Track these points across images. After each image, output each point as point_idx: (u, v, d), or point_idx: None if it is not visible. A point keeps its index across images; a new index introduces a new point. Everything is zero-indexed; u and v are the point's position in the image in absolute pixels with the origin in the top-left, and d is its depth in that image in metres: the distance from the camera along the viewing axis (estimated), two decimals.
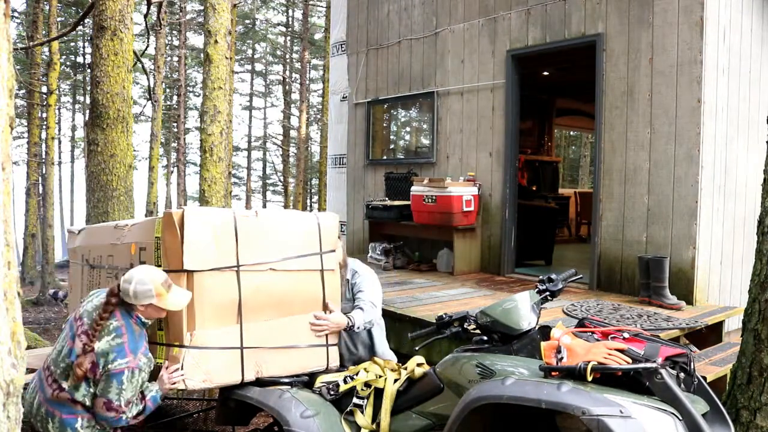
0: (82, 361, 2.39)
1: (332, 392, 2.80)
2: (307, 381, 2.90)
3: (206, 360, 2.65)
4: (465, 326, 2.70)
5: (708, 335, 4.59)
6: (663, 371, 2.01)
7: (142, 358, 2.45)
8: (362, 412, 2.71)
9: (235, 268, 2.72)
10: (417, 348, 2.80)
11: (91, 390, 2.44)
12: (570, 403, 1.93)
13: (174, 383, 2.57)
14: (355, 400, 2.75)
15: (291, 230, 2.93)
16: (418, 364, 2.76)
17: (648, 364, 2.00)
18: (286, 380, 2.84)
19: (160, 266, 2.66)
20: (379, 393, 2.73)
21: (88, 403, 2.44)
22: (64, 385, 2.44)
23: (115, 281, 2.85)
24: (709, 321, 4.50)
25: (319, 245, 2.97)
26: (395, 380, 2.73)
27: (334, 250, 3.02)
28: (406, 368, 2.80)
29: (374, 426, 2.66)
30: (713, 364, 3.98)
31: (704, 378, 2.29)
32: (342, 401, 2.78)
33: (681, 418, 1.94)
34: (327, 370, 2.97)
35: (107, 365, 2.38)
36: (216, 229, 2.69)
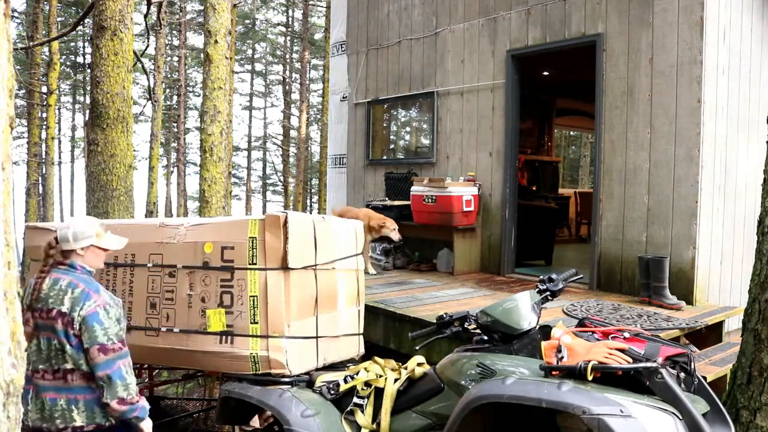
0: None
1: (332, 392, 2.79)
2: (307, 380, 2.91)
3: (297, 348, 2.99)
4: (465, 326, 2.70)
5: (708, 335, 4.59)
6: (663, 371, 2.00)
7: (104, 295, 2.48)
8: (362, 412, 2.71)
9: (314, 267, 3.09)
10: (417, 348, 2.79)
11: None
12: (570, 403, 1.93)
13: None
14: (355, 399, 2.75)
15: (342, 234, 3.35)
16: (419, 364, 2.76)
17: (648, 364, 2.00)
18: (287, 380, 2.84)
19: (254, 264, 2.91)
20: (379, 392, 2.72)
21: None
22: (68, 366, 2.43)
23: (162, 279, 3.10)
24: (709, 321, 4.50)
25: (355, 248, 3.44)
26: (395, 380, 2.73)
27: (361, 253, 3.51)
28: (406, 368, 2.80)
29: (374, 426, 2.66)
30: (713, 364, 3.98)
31: (704, 378, 2.29)
32: (342, 401, 2.78)
33: (681, 417, 1.94)
34: (351, 360, 3.30)
35: (79, 313, 2.39)
36: (305, 232, 3.04)
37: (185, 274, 3.07)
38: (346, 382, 2.81)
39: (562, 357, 2.15)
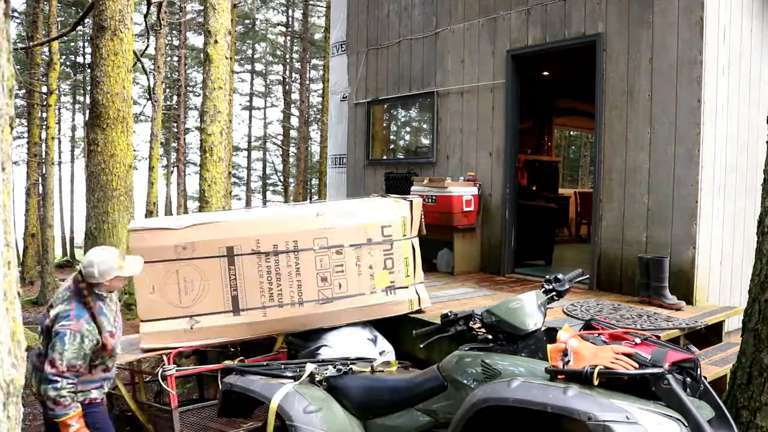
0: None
1: None
2: (310, 376, 2.90)
3: (423, 289, 4.42)
4: (470, 325, 2.69)
5: (708, 335, 4.58)
6: (670, 377, 2.00)
7: (84, 325, 2.79)
8: None
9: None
10: (421, 346, 2.78)
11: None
12: (576, 408, 1.92)
13: None
14: None
15: None
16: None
17: (655, 370, 1.99)
18: (290, 374, 2.84)
19: (405, 235, 4.14)
20: None
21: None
22: None
23: (330, 257, 3.90)
24: (709, 321, 4.50)
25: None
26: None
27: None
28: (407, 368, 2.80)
29: None
30: (713, 364, 3.98)
31: (704, 378, 2.29)
32: None
33: (687, 424, 1.94)
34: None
35: (55, 326, 2.78)
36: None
37: (352, 250, 3.96)
38: None
39: (569, 361, 2.14)
